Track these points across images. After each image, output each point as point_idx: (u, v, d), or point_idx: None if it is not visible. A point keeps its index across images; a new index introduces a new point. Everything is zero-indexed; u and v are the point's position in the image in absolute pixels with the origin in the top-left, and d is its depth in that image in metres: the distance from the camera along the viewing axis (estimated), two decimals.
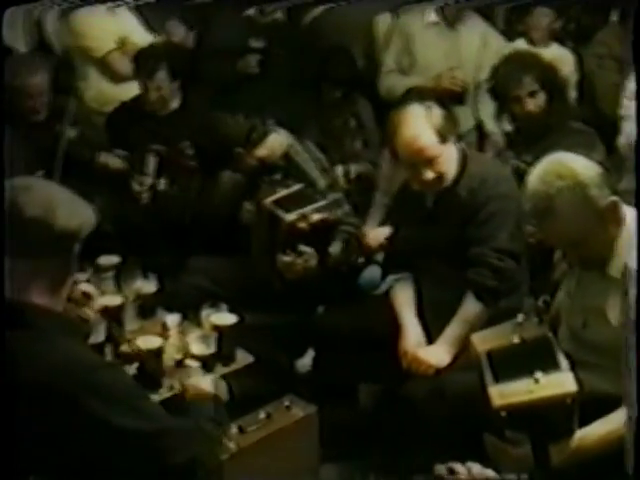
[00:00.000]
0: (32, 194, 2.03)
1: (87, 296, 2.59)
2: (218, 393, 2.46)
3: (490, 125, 4.48)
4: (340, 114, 4.54)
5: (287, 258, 3.53)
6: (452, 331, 3.07)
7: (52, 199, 2.04)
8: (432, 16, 4.63)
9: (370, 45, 5.08)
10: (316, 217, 3.50)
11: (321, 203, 3.55)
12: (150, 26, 4.80)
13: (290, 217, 3.50)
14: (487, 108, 4.37)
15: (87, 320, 2.52)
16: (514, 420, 2.33)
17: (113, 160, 4.26)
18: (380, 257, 3.69)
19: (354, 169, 4.22)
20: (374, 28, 5.05)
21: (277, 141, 3.77)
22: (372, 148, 4.50)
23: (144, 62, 4.28)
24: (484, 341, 2.60)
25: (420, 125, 3.08)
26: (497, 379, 2.38)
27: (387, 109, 4.14)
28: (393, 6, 5.02)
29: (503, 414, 2.31)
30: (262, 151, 3.74)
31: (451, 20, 4.64)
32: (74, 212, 2.05)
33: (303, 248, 3.53)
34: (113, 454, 2.00)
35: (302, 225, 3.49)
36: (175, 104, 4.39)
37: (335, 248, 3.61)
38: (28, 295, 2.03)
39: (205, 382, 2.52)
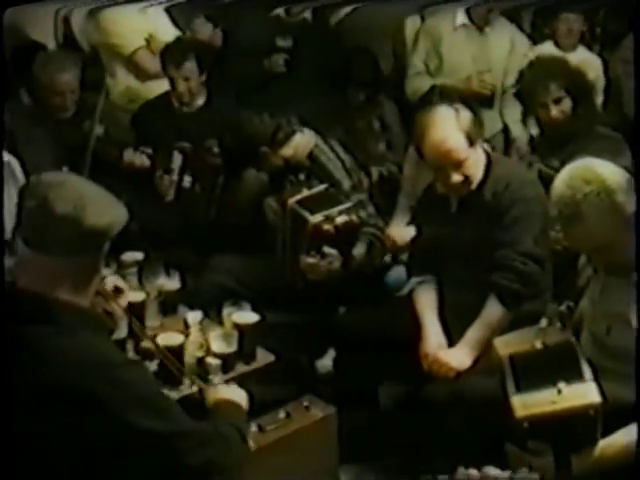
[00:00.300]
0: (63, 190, 2.01)
1: (118, 291, 2.58)
2: (241, 402, 2.41)
3: (516, 129, 4.46)
4: (364, 116, 4.54)
5: (311, 259, 3.53)
6: (474, 334, 3.06)
7: (83, 196, 2.02)
8: (461, 18, 4.61)
9: (399, 47, 5.08)
10: (341, 219, 3.48)
11: (346, 205, 3.53)
12: (177, 24, 4.82)
13: (315, 219, 3.48)
14: (514, 112, 4.35)
15: (112, 314, 2.51)
16: (536, 431, 2.31)
17: (139, 158, 4.28)
18: (404, 257, 3.68)
19: (377, 171, 4.21)
20: (403, 30, 5.05)
21: (302, 141, 3.75)
22: (396, 150, 4.49)
23: (173, 52, 4.34)
24: (506, 345, 2.59)
25: (449, 127, 3.07)
26: (519, 388, 2.35)
27: (413, 110, 4.16)
28: (421, 7, 5.02)
29: (525, 425, 2.30)
30: (287, 151, 3.72)
31: (480, 23, 4.63)
32: (105, 210, 2.04)
33: (327, 250, 3.52)
34: (129, 452, 2.00)
35: (327, 227, 3.48)
36: (200, 101, 4.43)
37: (359, 250, 3.60)
38: (55, 291, 2.03)
39: (227, 391, 2.46)
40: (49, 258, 2.01)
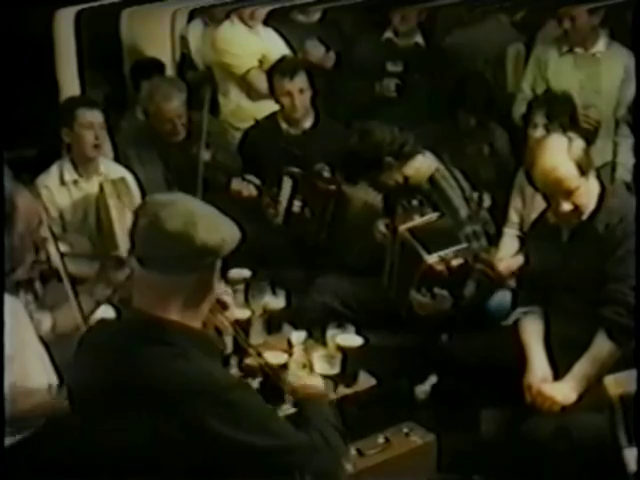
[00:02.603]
0: (174, 208, 2.04)
1: (224, 306, 2.63)
2: (326, 391, 2.46)
3: (625, 160, 4.37)
4: (474, 141, 4.51)
5: (421, 298, 3.52)
6: (581, 368, 2.99)
7: (194, 214, 2.04)
8: (568, 44, 4.54)
9: (500, 73, 5.06)
10: (456, 262, 3.44)
11: (462, 245, 3.49)
12: (290, 45, 4.88)
13: (431, 259, 3.44)
14: (625, 144, 4.27)
15: (221, 331, 2.56)
16: None
17: (246, 188, 4.31)
18: (511, 284, 3.64)
19: (487, 198, 4.16)
20: (505, 57, 5.06)
21: (425, 163, 3.72)
22: (505, 176, 4.44)
23: (285, 66, 4.39)
24: (618, 384, 2.52)
25: (560, 155, 3.03)
26: (632, 440, 2.27)
27: (522, 136, 4.13)
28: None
29: None
30: (409, 170, 3.69)
31: (589, 47, 4.53)
32: (216, 228, 2.05)
33: (438, 291, 3.51)
34: (243, 471, 2.03)
35: (441, 268, 3.45)
36: (308, 123, 4.46)
37: (469, 290, 3.58)
38: (167, 310, 2.06)
39: (314, 380, 2.54)
40: (161, 276, 2.04)
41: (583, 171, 3.04)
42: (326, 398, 2.49)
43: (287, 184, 4.20)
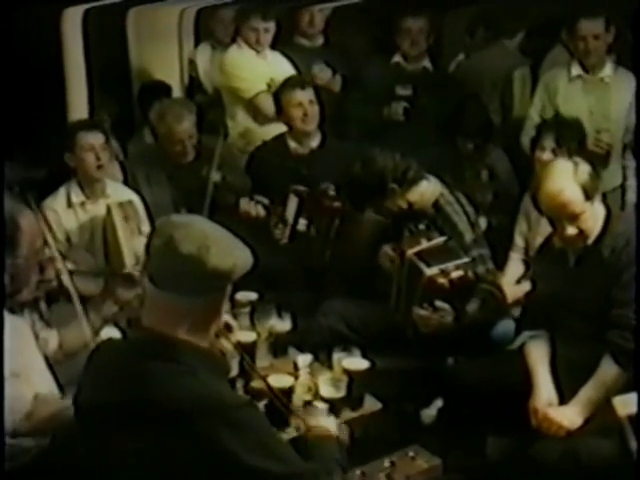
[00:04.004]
0: (189, 230, 2.07)
1: (228, 328, 2.64)
2: (341, 435, 2.45)
3: (635, 184, 4.37)
4: (472, 166, 4.51)
5: (423, 312, 3.51)
6: (587, 393, 2.99)
7: (208, 237, 2.06)
8: (576, 69, 4.56)
9: (507, 97, 5.09)
10: (456, 274, 3.44)
11: (464, 260, 3.50)
12: (298, 69, 4.91)
13: (431, 271, 3.45)
14: (634, 167, 4.28)
15: (224, 353, 2.57)
16: None
17: (254, 208, 4.32)
18: (515, 312, 3.63)
19: (485, 221, 4.17)
20: (512, 81, 5.07)
21: (429, 188, 3.73)
22: (506, 200, 4.45)
23: (296, 79, 4.49)
24: (626, 405, 2.51)
25: (566, 180, 3.04)
26: None
27: (528, 161, 4.13)
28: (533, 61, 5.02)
29: None
30: (414, 195, 3.69)
31: (597, 73, 4.55)
32: (229, 252, 2.07)
33: (440, 304, 3.51)
34: None
35: (442, 281, 3.45)
36: (315, 143, 4.49)
37: (472, 306, 3.57)
38: (176, 329, 2.08)
39: (329, 423, 2.51)
40: (172, 296, 2.07)
41: (589, 195, 3.05)
42: (337, 439, 2.45)
43: (293, 202, 4.23)
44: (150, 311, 2.12)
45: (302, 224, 4.22)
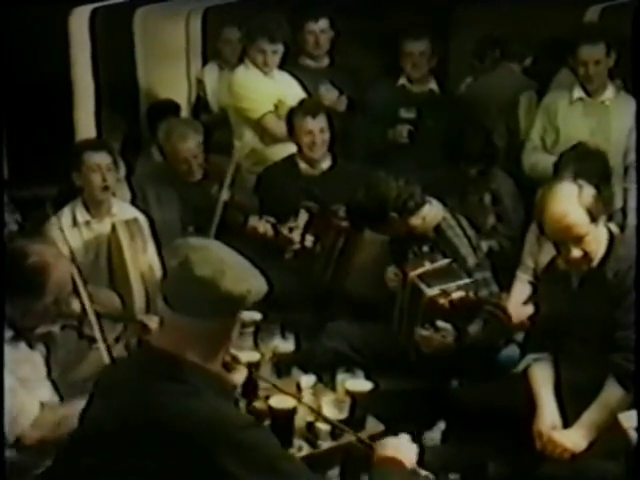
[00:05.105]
0: (206, 254, 2.08)
1: (236, 360, 2.64)
2: (405, 460, 2.35)
3: (636, 206, 4.38)
4: (476, 191, 4.51)
5: (424, 332, 3.52)
6: (591, 416, 2.99)
7: (224, 262, 2.08)
8: (578, 92, 4.57)
9: (512, 122, 5.10)
10: (457, 294, 3.46)
11: (465, 281, 3.51)
12: (306, 90, 4.93)
13: (431, 292, 3.47)
14: (635, 190, 4.29)
15: (235, 386, 2.58)
16: None
17: (263, 226, 4.35)
18: (519, 337, 3.63)
19: (487, 245, 4.17)
20: (517, 105, 5.10)
21: (431, 212, 3.73)
22: (509, 223, 4.45)
23: (309, 104, 4.49)
24: (631, 419, 2.51)
25: (570, 202, 3.04)
26: None
27: (531, 185, 4.13)
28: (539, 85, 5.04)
29: None
30: (415, 220, 3.71)
31: (599, 95, 4.56)
32: (243, 278, 2.08)
33: (441, 324, 3.52)
34: None
35: (442, 301, 3.46)
36: (325, 164, 4.51)
37: (474, 328, 3.57)
38: (186, 352, 2.09)
39: (394, 448, 2.39)
40: (185, 319, 2.08)
41: (594, 218, 3.05)
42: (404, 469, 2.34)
43: (303, 217, 4.27)
44: (162, 331, 2.13)
45: (309, 240, 4.24)
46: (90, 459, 2.16)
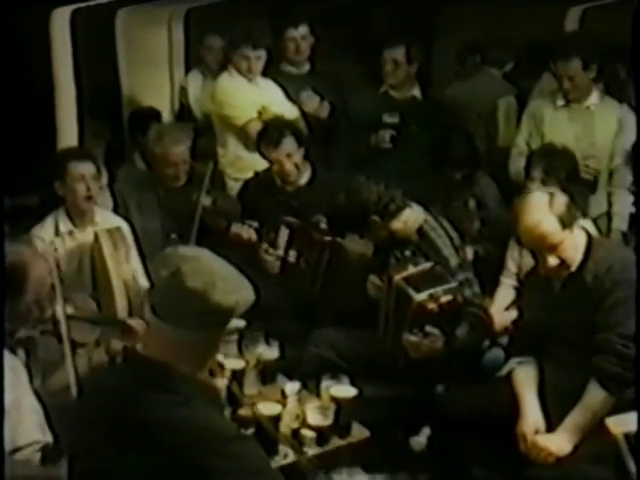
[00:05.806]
0: (196, 264, 2.08)
1: (222, 367, 2.64)
2: None
3: (621, 210, 4.41)
4: (460, 195, 4.53)
5: (413, 338, 3.52)
6: (574, 419, 3.00)
7: (214, 273, 2.08)
8: (561, 100, 4.60)
9: (492, 127, 5.13)
10: (445, 299, 3.47)
11: (452, 284, 3.52)
12: (289, 96, 4.93)
13: (420, 297, 3.47)
14: (620, 194, 4.30)
15: (219, 391, 2.57)
16: None
17: (246, 231, 4.33)
18: (504, 340, 3.64)
19: (472, 249, 4.18)
20: (496, 110, 5.14)
21: (412, 215, 3.75)
22: (494, 228, 4.47)
23: (270, 133, 4.39)
24: (620, 424, 2.52)
25: (542, 212, 3.07)
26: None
27: (517, 191, 4.15)
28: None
29: None
30: (397, 224, 3.72)
31: (583, 100, 4.59)
32: (233, 289, 2.09)
33: (430, 329, 3.52)
34: None
35: (431, 306, 3.47)
36: (304, 179, 4.48)
37: (462, 331, 3.58)
38: (174, 361, 2.08)
39: None
40: (173, 329, 2.08)
41: (565, 225, 3.07)
42: None
43: (284, 233, 4.23)
44: (150, 341, 2.13)
45: (292, 255, 4.21)
46: (78, 467, 2.15)
